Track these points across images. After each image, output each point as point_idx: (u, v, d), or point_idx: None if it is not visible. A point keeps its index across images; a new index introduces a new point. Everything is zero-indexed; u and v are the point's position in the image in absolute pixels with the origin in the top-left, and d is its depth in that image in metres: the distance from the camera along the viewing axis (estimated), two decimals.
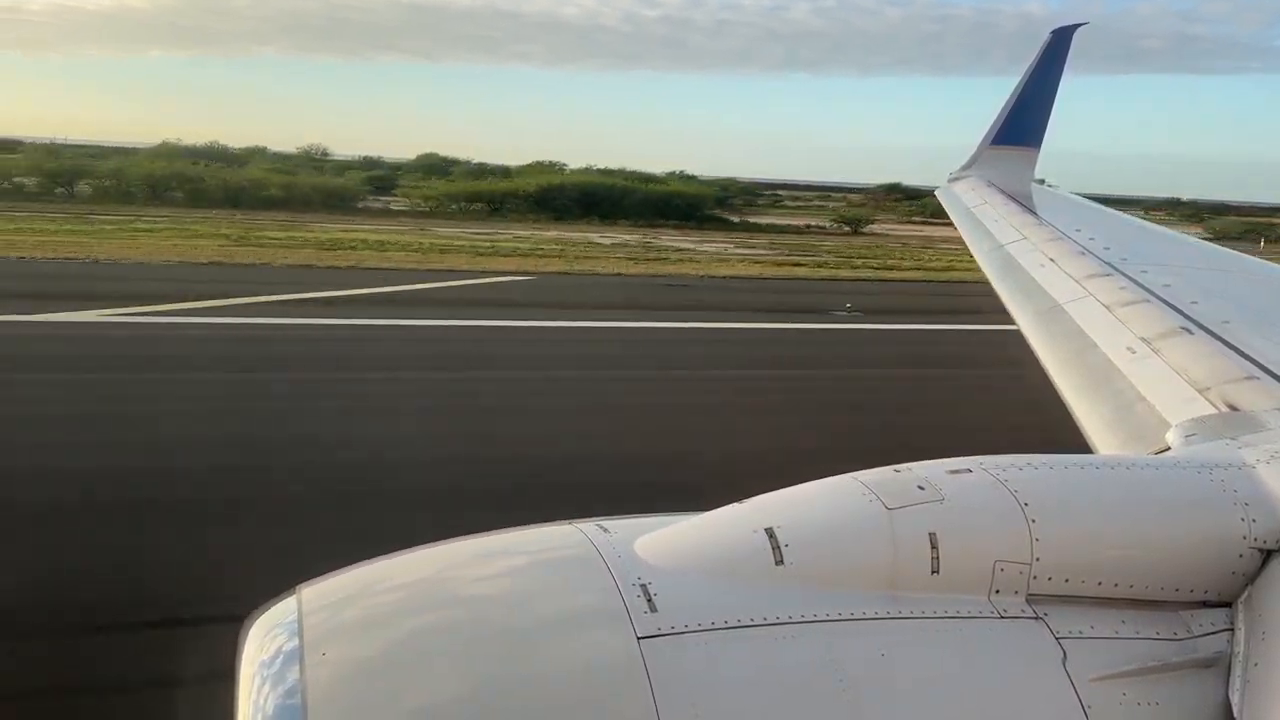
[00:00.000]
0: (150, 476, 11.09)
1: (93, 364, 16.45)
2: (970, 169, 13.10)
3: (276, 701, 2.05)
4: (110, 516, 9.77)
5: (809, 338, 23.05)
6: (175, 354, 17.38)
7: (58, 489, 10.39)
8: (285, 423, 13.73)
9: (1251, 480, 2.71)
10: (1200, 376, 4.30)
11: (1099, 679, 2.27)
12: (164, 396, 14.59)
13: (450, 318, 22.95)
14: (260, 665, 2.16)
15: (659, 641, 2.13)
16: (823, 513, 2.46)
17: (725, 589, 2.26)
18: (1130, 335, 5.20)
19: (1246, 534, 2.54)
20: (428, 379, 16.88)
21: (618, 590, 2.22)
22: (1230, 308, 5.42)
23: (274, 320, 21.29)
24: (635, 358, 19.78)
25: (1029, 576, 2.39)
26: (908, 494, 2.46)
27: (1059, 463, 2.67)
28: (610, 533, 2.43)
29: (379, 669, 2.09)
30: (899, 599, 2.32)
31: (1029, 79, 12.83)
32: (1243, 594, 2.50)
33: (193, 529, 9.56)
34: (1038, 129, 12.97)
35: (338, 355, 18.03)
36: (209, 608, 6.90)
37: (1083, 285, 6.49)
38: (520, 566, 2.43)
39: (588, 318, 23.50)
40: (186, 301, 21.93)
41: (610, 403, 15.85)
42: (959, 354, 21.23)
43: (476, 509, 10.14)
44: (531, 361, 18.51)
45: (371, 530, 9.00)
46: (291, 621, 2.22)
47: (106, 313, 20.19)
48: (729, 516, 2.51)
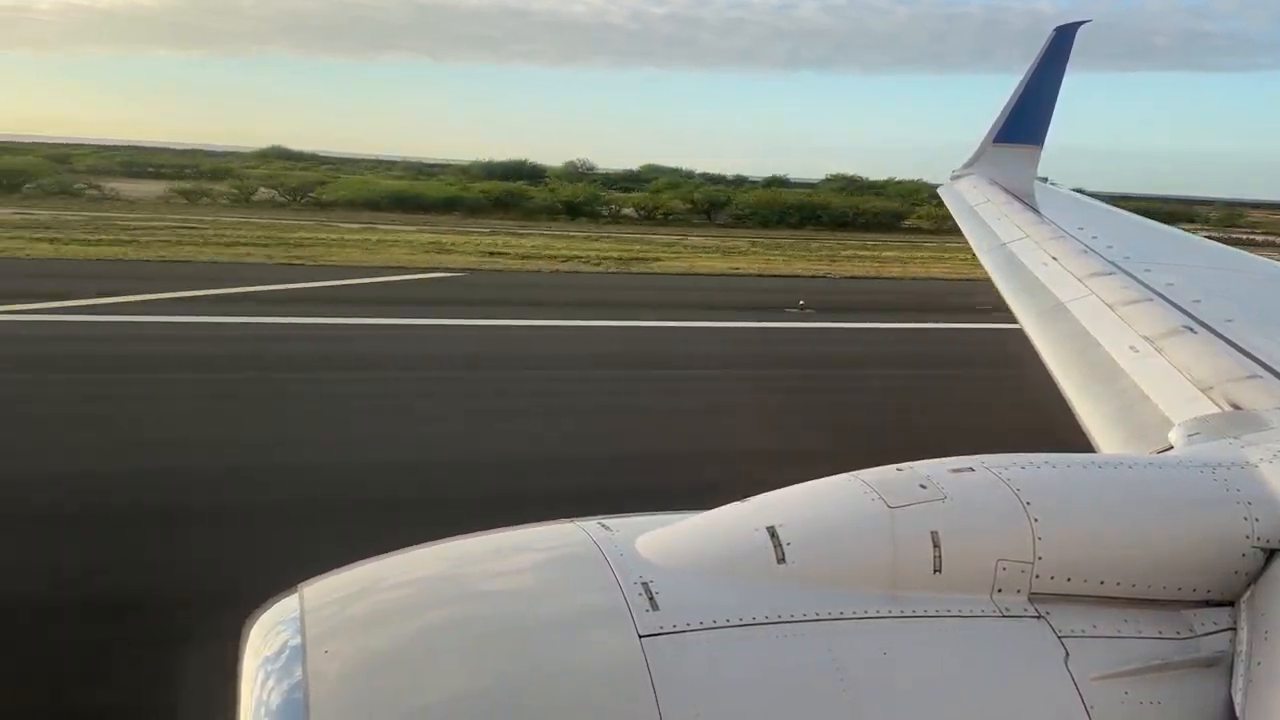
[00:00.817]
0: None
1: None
2: (973, 167, 13.11)
3: (279, 699, 2.05)
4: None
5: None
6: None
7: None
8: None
9: (1254, 479, 2.71)
10: (1203, 375, 4.29)
11: (1101, 678, 2.26)
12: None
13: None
14: (262, 663, 2.16)
15: (660, 640, 2.12)
16: (824, 511, 2.46)
17: (727, 588, 2.26)
18: (1133, 334, 5.20)
19: (1249, 533, 2.53)
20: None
21: (619, 588, 2.22)
22: (1233, 306, 5.41)
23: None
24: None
25: (1031, 575, 2.38)
26: (910, 493, 2.45)
27: (1061, 461, 2.66)
28: (612, 531, 2.43)
29: (381, 666, 2.09)
30: (901, 598, 2.31)
31: (1032, 77, 12.83)
32: (1245, 593, 2.49)
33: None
34: (1040, 127, 12.97)
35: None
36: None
37: (1085, 284, 6.48)
38: (522, 565, 2.43)
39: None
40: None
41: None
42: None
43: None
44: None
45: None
46: (293, 619, 2.22)
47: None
48: (731, 515, 2.50)
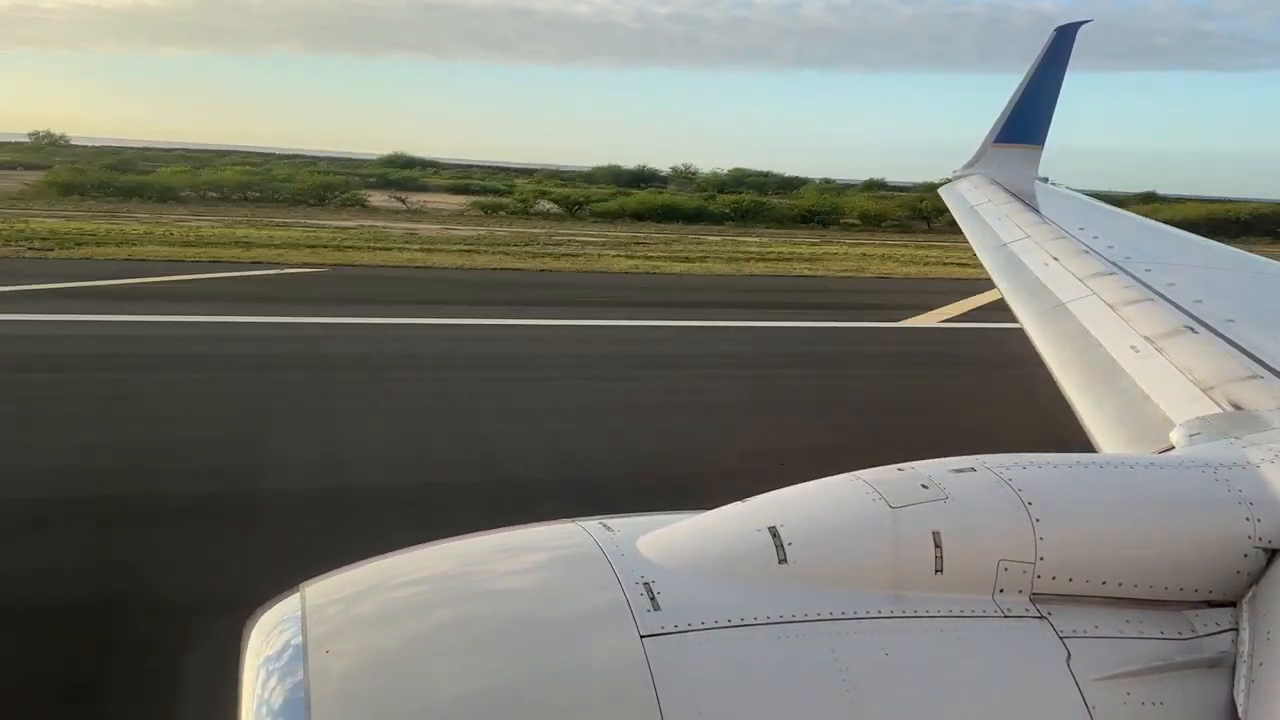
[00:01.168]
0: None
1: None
2: (973, 166, 13.12)
3: (280, 699, 2.05)
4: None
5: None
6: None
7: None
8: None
9: (1256, 479, 2.71)
10: (1204, 375, 4.29)
11: (1103, 679, 2.26)
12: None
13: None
14: (264, 663, 2.16)
15: (662, 640, 2.12)
16: (826, 512, 2.45)
17: (728, 588, 2.26)
18: (1134, 334, 5.20)
19: (1251, 533, 2.53)
20: None
21: (621, 588, 2.22)
22: (1234, 306, 5.41)
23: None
24: None
25: (1033, 576, 2.38)
26: (911, 493, 2.45)
27: (1063, 462, 2.66)
28: (613, 531, 2.43)
29: (382, 666, 2.09)
30: (902, 598, 2.31)
31: (1033, 77, 12.84)
32: (1247, 593, 2.49)
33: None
34: (1041, 126, 12.98)
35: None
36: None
37: (1086, 284, 6.48)
38: (523, 565, 2.43)
39: None
40: None
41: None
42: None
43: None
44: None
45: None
46: (295, 619, 2.22)
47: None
48: (732, 515, 2.50)
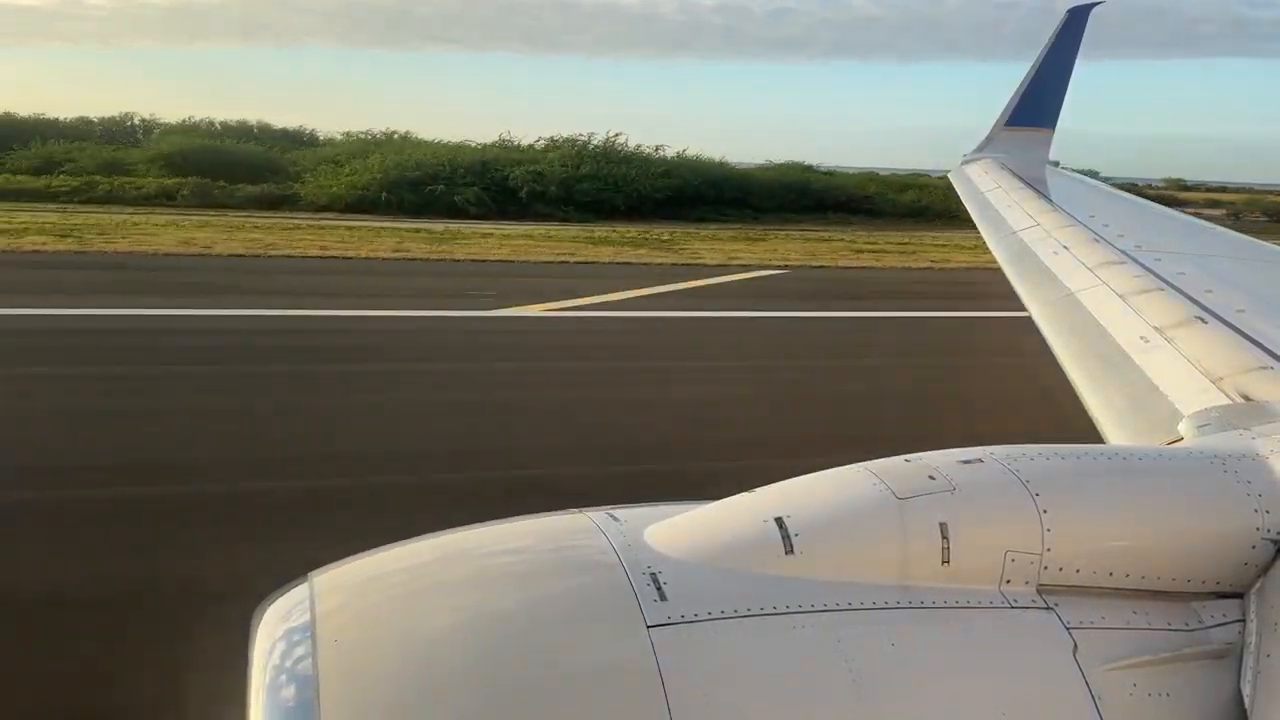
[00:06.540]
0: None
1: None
2: (984, 150, 13.04)
3: (289, 688, 2.07)
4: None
5: None
6: None
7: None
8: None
9: (1265, 471, 2.70)
10: (1214, 366, 4.27)
11: (1110, 669, 2.26)
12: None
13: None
14: (272, 651, 2.17)
15: (668, 630, 2.13)
16: (833, 502, 2.46)
17: (735, 578, 2.26)
18: (1143, 324, 5.17)
19: (1260, 525, 2.52)
20: None
21: (627, 578, 2.23)
22: (1245, 296, 5.38)
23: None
24: None
25: (1040, 567, 2.38)
26: (918, 484, 2.45)
27: (1070, 453, 2.65)
28: (620, 521, 2.44)
29: (390, 655, 2.10)
30: (909, 589, 2.31)
31: (1044, 59, 12.73)
32: (1255, 585, 2.49)
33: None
34: (1053, 110, 12.88)
35: None
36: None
37: (1096, 273, 6.45)
38: (531, 554, 2.44)
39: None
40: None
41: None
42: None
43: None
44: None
45: None
46: (303, 608, 2.24)
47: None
48: (739, 505, 2.51)
